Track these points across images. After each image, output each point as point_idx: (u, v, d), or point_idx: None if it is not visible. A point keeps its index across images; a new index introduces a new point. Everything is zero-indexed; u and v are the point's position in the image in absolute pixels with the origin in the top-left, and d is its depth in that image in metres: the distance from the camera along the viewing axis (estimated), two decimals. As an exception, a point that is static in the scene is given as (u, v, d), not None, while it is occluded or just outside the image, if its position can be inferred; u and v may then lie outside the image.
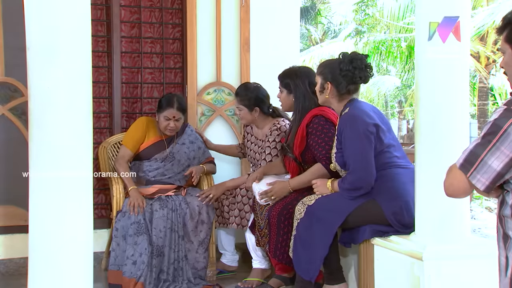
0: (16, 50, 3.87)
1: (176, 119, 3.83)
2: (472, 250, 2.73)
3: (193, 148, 3.98)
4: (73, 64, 2.49)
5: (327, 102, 3.25)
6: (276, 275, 3.58)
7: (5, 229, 4.00)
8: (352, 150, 3.01)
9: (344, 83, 3.12)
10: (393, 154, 3.10)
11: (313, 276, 3.07)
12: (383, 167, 3.05)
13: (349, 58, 3.13)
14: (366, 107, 3.15)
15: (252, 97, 3.80)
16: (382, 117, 3.20)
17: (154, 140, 3.88)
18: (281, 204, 3.40)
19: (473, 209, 8.48)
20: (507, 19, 1.74)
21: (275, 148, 3.72)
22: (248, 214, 3.70)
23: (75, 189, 2.51)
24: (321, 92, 3.22)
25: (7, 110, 4.03)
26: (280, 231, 3.34)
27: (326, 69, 3.19)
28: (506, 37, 1.74)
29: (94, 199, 3.06)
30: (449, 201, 2.72)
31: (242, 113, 3.84)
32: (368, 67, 3.14)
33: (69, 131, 2.49)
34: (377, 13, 16.61)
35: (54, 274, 2.49)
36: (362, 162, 3.00)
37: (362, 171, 3.00)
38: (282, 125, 3.77)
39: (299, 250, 3.10)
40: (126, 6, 4.44)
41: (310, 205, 3.09)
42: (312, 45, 21.60)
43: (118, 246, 3.57)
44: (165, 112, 3.81)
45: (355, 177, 3.01)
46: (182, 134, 3.97)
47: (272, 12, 4.62)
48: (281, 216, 3.34)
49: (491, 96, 14.27)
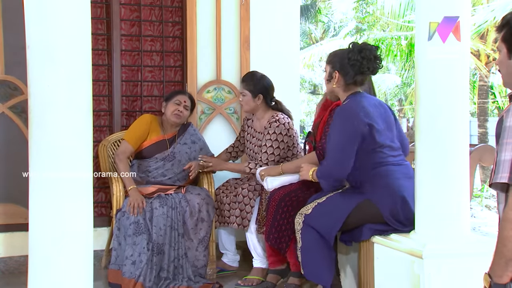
0: (16, 48, 3.87)
1: (185, 106, 3.85)
2: (472, 248, 2.73)
3: (194, 148, 3.97)
4: (73, 62, 2.49)
5: (334, 91, 3.21)
6: (271, 269, 3.60)
7: (5, 227, 4.00)
8: (332, 141, 3.02)
9: (351, 72, 3.08)
10: (387, 154, 3.06)
11: (329, 281, 3.04)
12: (375, 166, 3.03)
13: (358, 48, 3.09)
14: (367, 103, 3.09)
15: (257, 83, 3.83)
16: (386, 114, 3.15)
17: (156, 139, 3.87)
18: (285, 190, 3.43)
19: (473, 207, 8.49)
20: (506, 20, 1.77)
21: (276, 140, 3.72)
22: (249, 215, 3.69)
23: (75, 187, 2.51)
24: (329, 81, 3.19)
25: (7, 108, 4.03)
26: (277, 215, 3.36)
27: (335, 58, 3.16)
28: (503, 37, 1.77)
29: (94, 197, 3.06)
30: (449, 199, 2.73)
31: (245, 99, 3.85)
32: (377, 58, 3.09)
33: (69, 129, 2.49)
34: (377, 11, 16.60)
35: (54, 272, 2.49)
36: (338, 154, 2.99)
37: (337, 163, 3.00)
38: (280, 118, 3.77)
39: (308, 261, 3.08)
40: (126, 4, 4.44)
41: (307, 214, 3.09)
42: (312, 43, 21.59)
43: (119, 246, 3.57)
44: (176, 97, 3.86)
45: (328, 167, 3.04)
46: (184, 133, 3.96)
47: (272, 10, 4.62)
48: (282, 202, 3.37)
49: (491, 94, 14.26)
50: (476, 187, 10.18)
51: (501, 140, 1.65)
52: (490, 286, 1.65)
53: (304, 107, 19.82)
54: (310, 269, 3.08)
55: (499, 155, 1.63)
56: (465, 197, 2.77)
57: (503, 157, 1.62)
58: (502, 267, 1.62)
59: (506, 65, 1.79)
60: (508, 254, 1.60)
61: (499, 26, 1.80)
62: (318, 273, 3.06)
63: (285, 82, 4.50)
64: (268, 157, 3.72)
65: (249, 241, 3.76)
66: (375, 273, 2.98)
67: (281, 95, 4.05)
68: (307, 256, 3.07)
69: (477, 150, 3.53)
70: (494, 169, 1.64)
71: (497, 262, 1.63)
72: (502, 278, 1.63)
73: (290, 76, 4.65)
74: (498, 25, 1.81)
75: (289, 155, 3.83)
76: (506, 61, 1.78)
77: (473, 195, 8.47)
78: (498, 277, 1.63)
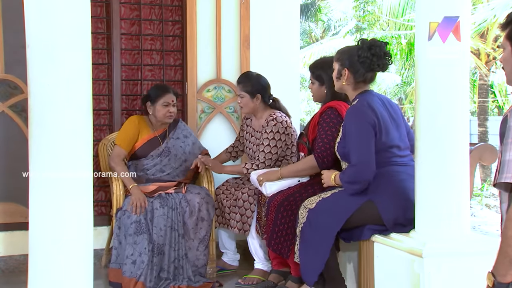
0: (16, 47, 3.87)
1: (174, 104, 3.84)
2: (472, 247, 2.73)
3: (188, 142, 3.97)
4: (73, 61, 2.49)
5: (343, 89, 3.19)
6: (274, 270, 3.59)
7: (5, 226, 4.01)
8: (355, 144, 2.98)
9: (362, 70, 3.07)
10: (394, 154, 3.06)
11: (312, 281, 3.04)
12: (381, 165, 3.01)
13: (368, 44, 3.06)
14: (376, 102, 3.07)
15: (254, 83, 3.83)
16: (394, 112, 3.14)
17: (147, 137, 3.86)
18: (283, 194, 3.40)
19: (473, 207, 8.49)
20: (510, 18, 1.76)
21: (274, 139, 3.71)
22: (250, 219, 3.67)
23: (75, 186, 2.52)
24: (338, 79, 3.16)
25: (7, 107, 4.03)
26: (277, 221, 3.34)
27: (344, 55, 3.12)
28: (508, 34, 1.76)
29: (94, 196, 3.06)
30: (449, 198, 2.73)
31: (244, 101, 3.84)
32: (387, 54, 3.07)
33: (69, 128, 2.49)
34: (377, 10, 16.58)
35: (54, 271, 2.49)
36: (365, 155, 2.96)
37: (364, 164, 2.96)
38: (278, 116, 3.77)
39: (303, 255, 3.08)
40: (126, 3, 4.43)
41: (311, 208, 3.07)
42: (312, 42, 21.56)
43: (120, 245, 3.57)
44: (163, 99, 3.81)
45: (356, 170, 2.98)
46: (176, 129, 3.95)
47: (272, 9, 4.62)
48: (281, 207, 3.34)
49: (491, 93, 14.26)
50: (476, 186, 10.19)
51: (505, 140, 1.65)
52: (494, 285, 1.65)
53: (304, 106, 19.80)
54: (302, 262, 3.07)
55: (504, 154, 1.63)
56: (465, 196, 2.77)
57: (507, 157, 1.63)
58: (506, 266, 1.62)
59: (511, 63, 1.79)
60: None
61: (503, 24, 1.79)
62: (307, 270, 3.05)
63: (285, 81, 4.51)
64: (266, 155, 3.70)
65: (250, 245, 3.75)
66: (375, 272, 2.98)
67: (281, 94, 4.05)
68: (303, 250, 3.07)
69: (477, 149, 3.52)
70: (499, 168, 1.64)
71: (501, 262, 1.63)
72: (506, 277, 1.63)
73: (290, 75, 4.65)
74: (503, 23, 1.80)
75: (288, 154, 3.82)
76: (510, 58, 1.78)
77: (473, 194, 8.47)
78: (501, 276, 1.63)
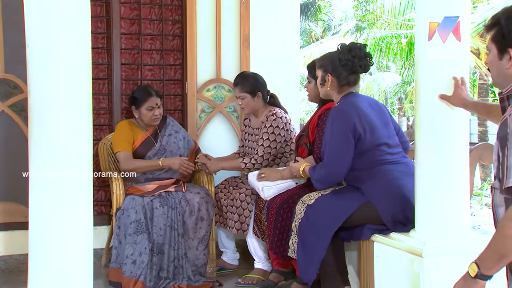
0: (16, 46, 3.87)
1: (159, 106, 3.84)
2: (472, 246, 2.72)
3: (179, 137, 3.97)
4: (73, 61, 2.50)
5: (328, 95, 3.22)
6: (275, 269, 3.59)
7: (5, 225, 4.01)
8: (329, 145, 3.02)
9: (344, 73, 3.10)
10: (384, 152, 3.06)
11: (311, 279, 3.04)
12: (371, 165, 3.02)
13: (347, 47, 3.11)
14: (361, 103, 3.09)
15: (252, 82, 3.84)
16: (381, 111, 3.16)
17: (141, 138, 3.87)
18: (282, 197, 3.40)
19: (473, 206, 8.49)
20: (495, 19, 1.74)
21: (273, 133, 3.71)
22: (248, 219, 3.67)
23: (75, 186, 2.52)
24: (322, 85, 3.20)
25: (7, 107, 4.03)
26: (278, 224, 3.34)
27: (326, 61, 3.17)
28: (493, 36, 1.74)
29: (94, 196, 3.06)
30: (449, 197, 2.73)
31: (245, 101, 3.85)
32: (367, 55, 3.12)
33: (69, 127, 2.50)
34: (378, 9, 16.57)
35: (54, 270, 2.50)
36: (336, 158, 3.00)
37: (335, 167, 3.01)
38: (277, 112, 3.78)
39: (300, 252, 3.08)
40: (125, 3, 4.43)
41: (309, 204, 3.07)
42: (313, 42, 21.56)
43: (119, 244, 3.57)
44: (147, 103, 3.81)
45: (326, 171, 3.03)
46: (165, 126, 3.96)
47: (272, 8, 4.62)
48: (280, 210, 3.34)
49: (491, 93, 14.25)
50: (476, 185, 10.18)
51: (509, 144, 1.64)
52: (476, 275, 1.69)
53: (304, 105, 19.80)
54: (299, 259, 3.07)
55: (509, 159, 1.64)
56: (465, 196, 2.77)
57: (509, 163, 1.63)
58: (495, 261, 1.66)
59: (497, 66, 1.77)
60: (506, 252, 1.63)
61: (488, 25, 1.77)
62: (305, 268, 3.05)
63: (285, 80, 4.51)
64: (265, 149, 3.70)
65: (250, 245, 3.75)
66: (375, 271, 2.98)
67: (281, 94, 4.06)
68: (300, 246, 3.07)
69: (477, 148, 3.52)
70: (506, 174, 1.65)
71: (490, 256, 1.67)
72: (491, 271, 1.68)
73: (290, 74, 4.65)
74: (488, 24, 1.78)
75: (287, 151, 3.82)
76: (496, 61, 1.77)
77: (473, 193, 8.47)
78: (487, 269, 1.68)
